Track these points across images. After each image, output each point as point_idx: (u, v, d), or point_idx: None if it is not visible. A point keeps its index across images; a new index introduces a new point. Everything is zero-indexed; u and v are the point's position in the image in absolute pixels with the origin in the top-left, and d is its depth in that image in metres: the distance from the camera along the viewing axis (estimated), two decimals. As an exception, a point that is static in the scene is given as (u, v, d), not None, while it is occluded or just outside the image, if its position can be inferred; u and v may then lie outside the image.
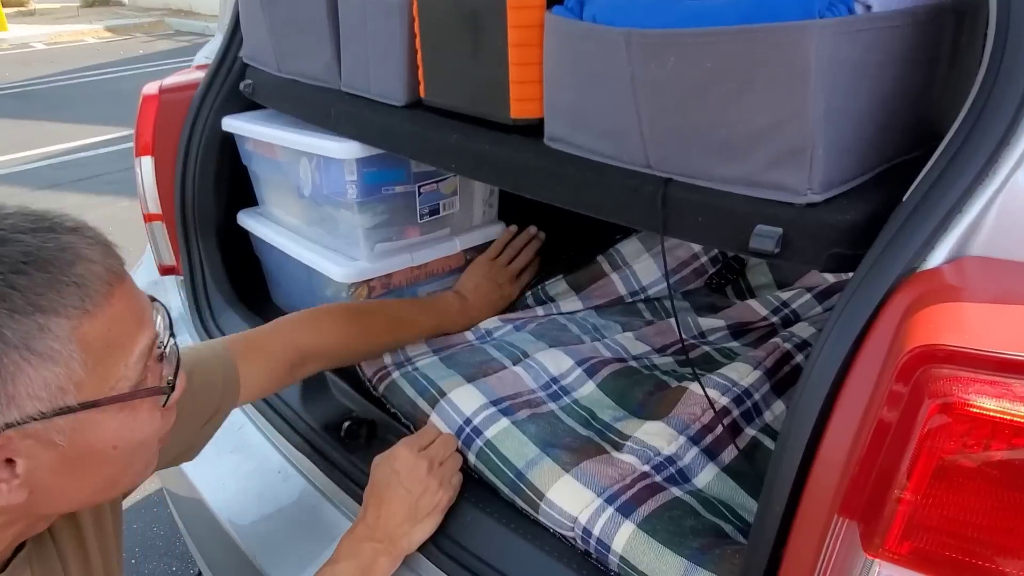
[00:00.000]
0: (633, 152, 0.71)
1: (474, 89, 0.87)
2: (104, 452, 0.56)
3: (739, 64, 0.59)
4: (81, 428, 0.53)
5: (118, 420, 0.56)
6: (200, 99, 1.32)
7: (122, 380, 0.55)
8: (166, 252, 1.40)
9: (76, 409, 0.52)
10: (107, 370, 0.54)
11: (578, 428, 0.90)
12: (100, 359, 0.53)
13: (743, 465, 0.83)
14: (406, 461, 0.82)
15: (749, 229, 0.63)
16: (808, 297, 1.09)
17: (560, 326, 1.13)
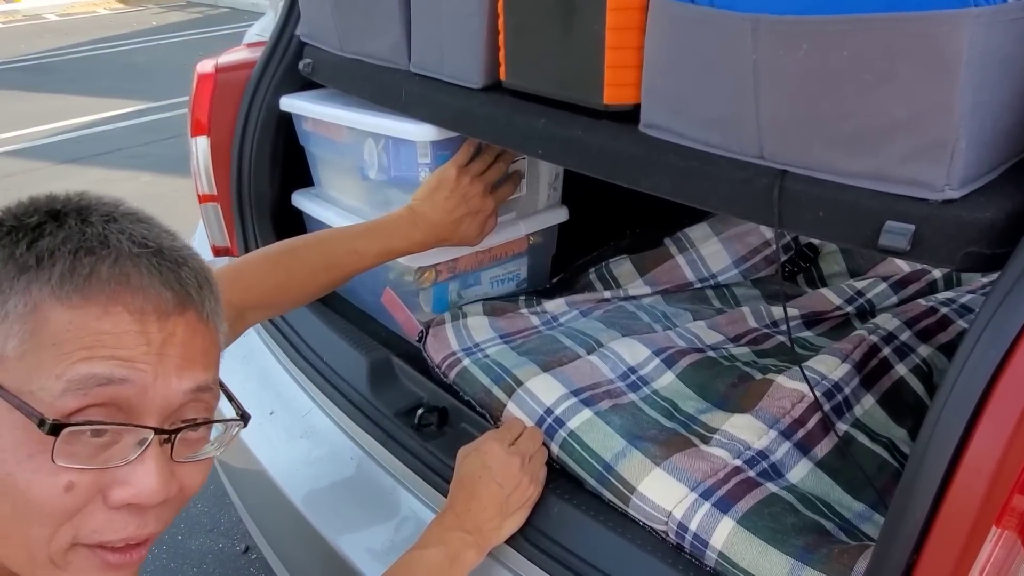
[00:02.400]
0: (745, 142, 0.69)
1: (563, 73, 0.85)
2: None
3: (881, 53, 0.57)
4: None
5: (11, 429, 0.47)
6: (257, 78, 1.30)
7: (42, 390, 0.47)
8: (219, 233, 1.39)
9: None
10: (32, 365, 0.47)
11: (662, 420, 0.89)
12: (37, 349, 0.47)
13: (837, 460, 0.82)
14: (498, 456, 0.82)
15: (877, 225, 0.61)
16: (884, 287, 1.07)
17: (629, 313, 1.11)
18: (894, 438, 0.85)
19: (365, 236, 0.98)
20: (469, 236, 1.05)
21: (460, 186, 1.02)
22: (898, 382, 0.90)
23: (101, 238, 0.51)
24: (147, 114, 5.14)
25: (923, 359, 0.92)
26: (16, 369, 0.48)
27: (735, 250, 1.18)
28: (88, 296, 0.49)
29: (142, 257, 0.51)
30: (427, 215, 1.01)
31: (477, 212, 1.04)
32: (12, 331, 0.48)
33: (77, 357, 0.48)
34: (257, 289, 0.90)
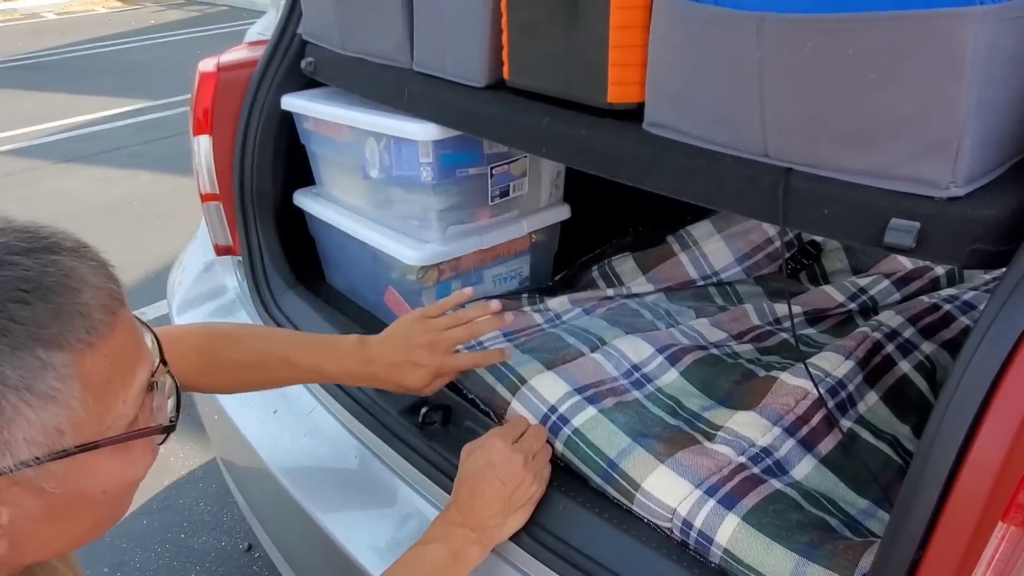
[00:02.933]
0: (749, 140, 0.69)
1: (566, 71, 0.85)
2: (94, 497, 0.52)
3: (886, 51, 0.57)
4: (74, 473, 0.49)
5: (112, 462, 0.51)
6: (259, 77, 1.30)
7: (119, 418, 0.51)
8: (222, 232, 1.39)
9: (72, 452, 0.48)
10: (106, 407, 0.50)
11: (666, 417, 0.90)
12: (100, 396, 0.49)
13: (841, 457, 0.82)
14: (501, 453, 0.82)
15: (882, 223, 0.61)
16: (886, 284, 1.08)
17: (632, 311, 1.12)
18: (898, 435, 0.85)
19: (302, 348, 0.92)
20: (413, 383, 0.92)
21: (412, 332, 0.92)
22: (901, 379, 0.90)
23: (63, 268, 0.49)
24: (146, 113, 5.13)
25: (926, 356, 0.92)
26: (92, 419, 0.49)
27: (738, 247, 1.18)
28: (99, 332, 0.49)
29: (96, 269, 0.51)
30: (371, 348, 0.92)
31: (424, 366, 0.91)
32: (72, 400, 0.47)
33: (130, 375, 0.52)
34: (185, 363, 0.85)
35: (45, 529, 0.50)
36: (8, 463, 0.45)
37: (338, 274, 1.39)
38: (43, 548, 0.53)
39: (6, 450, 0.45)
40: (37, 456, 0.46)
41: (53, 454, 0.47)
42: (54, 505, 0.49)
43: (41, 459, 0.46)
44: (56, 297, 0.46)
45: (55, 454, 0.47)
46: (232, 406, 1.17)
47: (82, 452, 0.48)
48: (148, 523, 1.80)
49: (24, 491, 0.47)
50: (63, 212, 3.49)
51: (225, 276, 1.41)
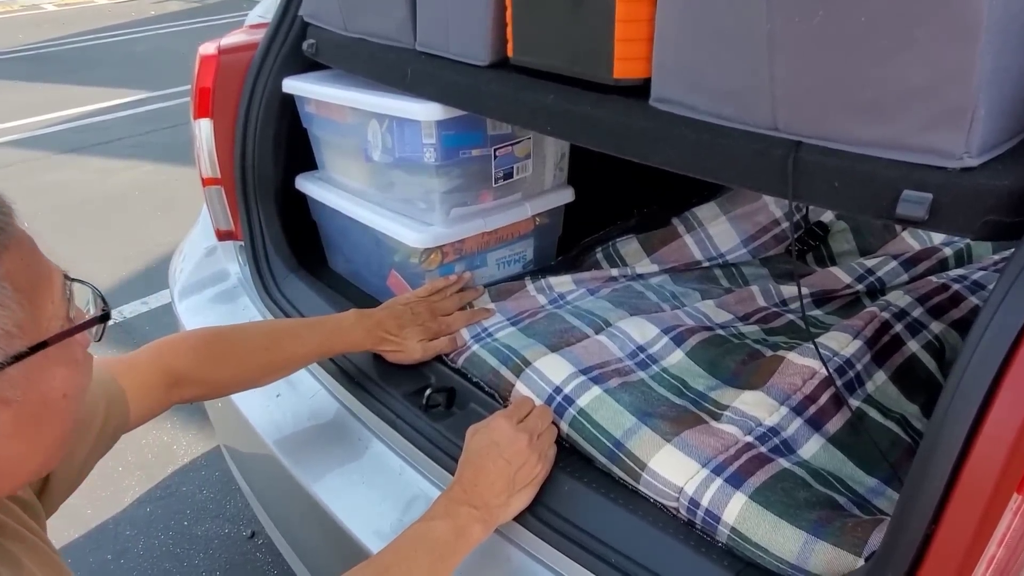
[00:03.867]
0: (758, 113, 0.68)
1: (571, 48, 0.84)
2: (56, 403, 0.53)
3: (899, 18, 0.56)
4: (33, 377, 0.50)
5: (62, 363, 0.53)
6: (260, 60, 1.29)
7: (54, 319, 0.52)
8: (223, 217, 1.38)
9: (27, 354, 0.49)
10: (39, 308, 0.51)
11: (672, 397, 0.89)
12: (31, 297, 0.50)
13: (849, 436, 0.81)
14: (506, 433, 0.81)
15: (894, 195, 0.60)
16: (894, 264, 1.07)
17: (637, 293, 1.11)
18: (906, 414, 0.84)
19: (309, 326, 1.01)
20: (412, 349, 1.02)
21: (411, 302, 1.05)
22: (910, 358, 0.89)
23: None
24: (147, 103, 5.12)
25: (935, 335, 0.91)
26: (31, 321, 0.50)
27: (743, 229, 1.17)
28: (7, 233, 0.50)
29: None
30: (372, 315, 1.01)
31: (423, 327, 1.03)
32: (10, 301, 0.48)
33: (47, 276, 0.53)
34: (196, 355, 0.89)
35: (16, 447, 0.51)
36: None
37: (340, 258, 1.38)
38: (17, 471, 0.53)
39: None
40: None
41: (11, 357, 0.48)
42: (21, 416, 0.50)
43: (3, 364, 0.47)
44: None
45: (12, 357, 0.48)
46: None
47: (36, 352, 0.49)
48: (151, 511, 1.80)
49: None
50: (64, 203, 3.48)
51: (227, 261, 1.41)
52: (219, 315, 1.32)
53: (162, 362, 0.87)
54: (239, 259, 1.40)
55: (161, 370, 0.86)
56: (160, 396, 0.86)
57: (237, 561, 1.66)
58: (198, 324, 1.30)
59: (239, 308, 1.33)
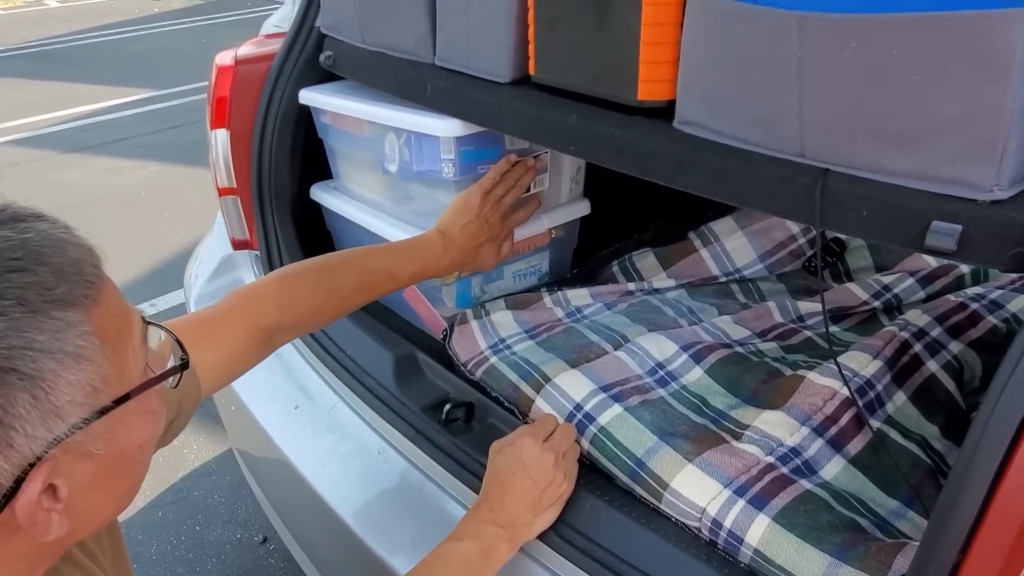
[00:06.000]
0: (786, 140, 0.68)
1: (596, 68, 0.85)
2: (132, 454, 0.52)
3: (932, 52, 0.56)
4: (114, 431, 0.50)
5: (139, 413, 0.52)
6: (277, 71, 1.29)
7: (134, 368, 0.52)
8: (239, 227, 1.39)
9: (111, 408, 0.49)
10: (122, 359, 0.50)
11: (692, 415, 0.89)
12: (115, 348, 0.49)
13: (870, 457, 0.82)
14: (532, 452, 0.82)
15: (923, 225, 0.60)
16: (911, 281, 1.07)
17: (654, 308, 1.11)
18: (926, 435, 0.85)
19: (401, 258, 0.99)
20: (488, 261, 1.08)
21: (483, 211, 1.05)
22: (929, 379, 0.90)
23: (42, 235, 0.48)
24: (153, 102, 5.12)
25: (954, 356, 0.92)
26: (116, 373, 0.49)
27: (760, 244, 1.18)
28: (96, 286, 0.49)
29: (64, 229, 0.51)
30: (455, 239, 1.03)
31: (496, 237, 1.08)
32: (97, 355, 0.48)
33: (129, 325, 0.52)
34: (296, 310, 0.88)
35: (94, 497, 0.50)
36: (61, 429, 0.45)
37: (356, 269, 1.38)
38: (93, 519, 0.53)
39: (57, 416, 0.45)
40: (84, 417, 0.47)
41: (96, 412, 0.48)
42: (101, 468, 0.50)
43: (88, 419, 0.47)
44: (49, 259, 0.46)
45: (98, 412, 0.48)
46: (253, 401, 1.17)
47: (118, 406, 0.49)
48: (163, 515, 1.81)
49: (76, 459, 0.47)
50: (70, 202, 3.49)
51: (242, 271, 1.41)
52: (235, 324, 1.33)
53: (250, 322, 0.83)
54: (254, 269, 1.40)
55: (251, 331, 0.83)
56: (253, 356, 0.85)
57: (249, 567, 1.67)
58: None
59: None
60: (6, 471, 0.43)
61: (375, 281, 0.96)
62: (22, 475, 0.44)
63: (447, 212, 1.06)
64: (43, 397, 0.44)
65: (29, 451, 0.44)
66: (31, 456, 0.44)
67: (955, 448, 0.85)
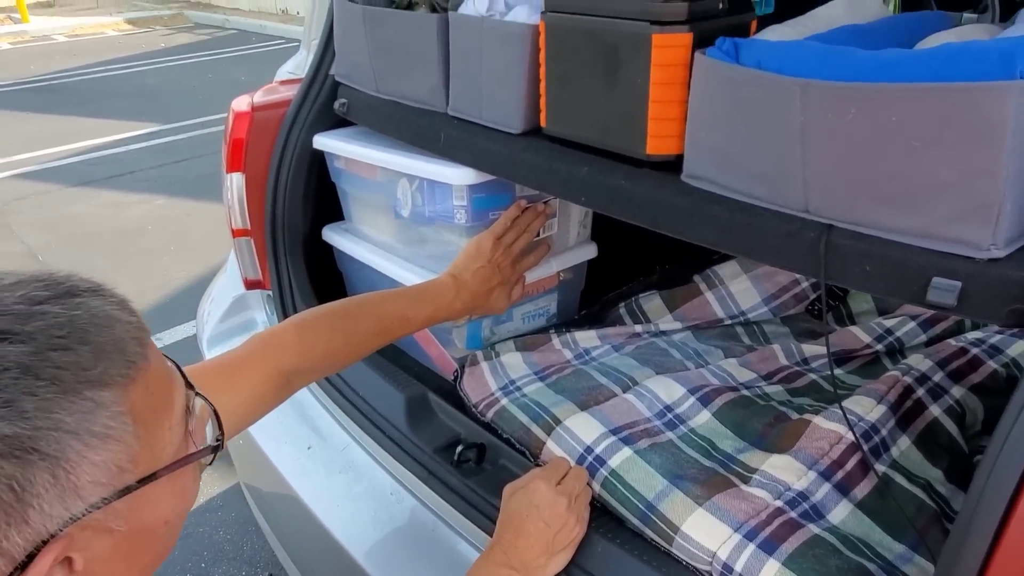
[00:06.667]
0: (790, 196, 0.71)
1: (605, 122, 0.88)
2: (156, 530, 0.53)
3: (929, 120, 0.60)
4: (137, 508, 0.50)
5: (168, 490, 0.53)
6: (293, 116, 1.33)
7: (168, 446, 0.52)
8: (252, 267, 1.42)
9: (135, 488, 0.49)
10: (156, 438, 0.51)
11: (701, 459, 0.91)
12: (148, 427, 0.50)
13: (876, 501, 0.83)
14: (545, 496, 0.83)
15: (924, 281, 0.63)
16: (912, 325, 1.10)
17: (661, 350, 1.14)
18: (931, 479, 0.87)
19: (415, 302, 1.02)
20: (499, 305, 1.11)
21: (494, 256, 1.07)
22: (932, 423, 0.92)
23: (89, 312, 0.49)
24: (159, 136, 5.19)
25: (956, 400, 0.94)
26: (146, 452, 0.50)
27: (764, 288, 1.20)
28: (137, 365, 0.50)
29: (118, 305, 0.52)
30: (468, 284, 1.05)
31: (507, 281, 1.10)
32: (127, 435, 0.48)
33: (168, 402, 0.53)
34: (314, 354, 0.90)
35: (114, 570, 0.50)
36: (79, 508, 0.46)
37: (366, 309, 1.41)
38: None
39: (76, 495, 0.46)
40: (104, 496, 0.47)
41: (118, 492, 0.48)
42: (122, 544, 0.50)
43: (108, 499, 0.47)
44: (93, 338, 0.47)
45: (120, 492, 0.48)
46: (266, 442, 1.18)
47: (144, 485, 0.50)
48: (168, 552, 1.80)
49: (94, 534, 0.48)
50: (77, 236, 3.52)
51: (255, 310, 1.44)
52: (246, 363, 1.35)
53: (270, 367, 0.85)
54: (266, 308, 1.43)
55: (270, 375, 0.85)
56: (271, 400, 0.86)
57: (255, 605, 1.67)
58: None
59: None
60: (19, 546, 0.44)
61: (390, 326, 0.98)
62: (35, 550, 0.44)
63: (459, 257, 1.08)
64: (63, 476, 0.45)
65: (44, 528, 0.44)
66: (45, 533, 0.45)
67: (959, 492, 0.86)
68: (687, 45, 0.79)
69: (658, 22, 0.79)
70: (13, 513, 0.43)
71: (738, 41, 0.74)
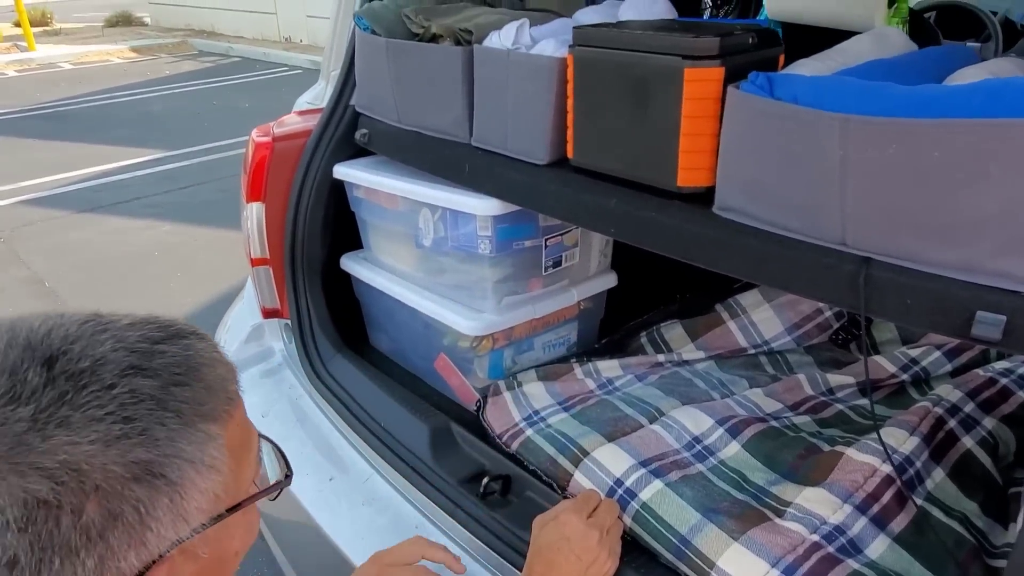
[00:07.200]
0: (826, 229, 0.71)
1: (635, 154, 0.88)
2: (228, 560, 0.55)
3: (973, 154, 0.60)
4: (220, 537, 0.52)
5: (243, 522, 0.55)
6: (313, 147, 1.34)
7: (247, 480, 0.56)
8: (270, 296, 1.41)
9: (224, 516, 0.52)
10: (242, 470, 0.54)
11: (733, 492, 0.90)
12: (239, 460, 0.54)
13: (913, 535, 0.82)
14: (576, 529, 0.82)
15: (967, 315, 0.63)
16: (938, 355, 1.09)
17: (685, 380, 1.13)
18: (967, 512, 0.86)
19: None
20: None
21: None
22: (965, 455, 0.91)
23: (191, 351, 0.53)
24: (164, 163, 5.21)
25: (988, 431, 0.93)
26: (234, 484, 0.53)
27: (787, 317, 1.20)
28: (234, 402, 0.54)
29: (215, 347, 0.56)
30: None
31: None
32: (224, 467, 0.51)
33: (253, 439, 0.57)
34: None
35: None
36: (185, 532, 0.49)
37: (384, 337, 1.41)
38: None
39: (184, 520, 0.49)
40: (203, 522, 0.50)
41: (213, 519, 0.51)
42: (202, 571, 0.52)
43: (206, 524, 0.50)
44: (204, 376, 0.52)
45: (214, 519, 0.51)
46: (285, 473, 1.17)
47: (232, 514, 0.53)
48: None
49: (186, 559, 0.50)
50: (84, 262, 3.52)
51: (272, 339, 1.43)
52: (264, 392, 1.34)
53: None
54: (283, 337, 1.42)
55: None
56: None
57: (267, 639, 1.64)
58: (245, 403, 1.31)
59: (284, 387, 1.35)
60: (134, 567, 0.46)
61: None
62: (144, 570, 0.47)
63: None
64: (178, 502, 0.48)
65: (156, 549, 0.47)
66: (156, 554, 0.47)
67: (997, 525, 0.85)
68: (719, 79, 0.79)
69: (690, 56, 0.79)
70: (134, 535, 0.46)
71: (772, 76, 0.74)
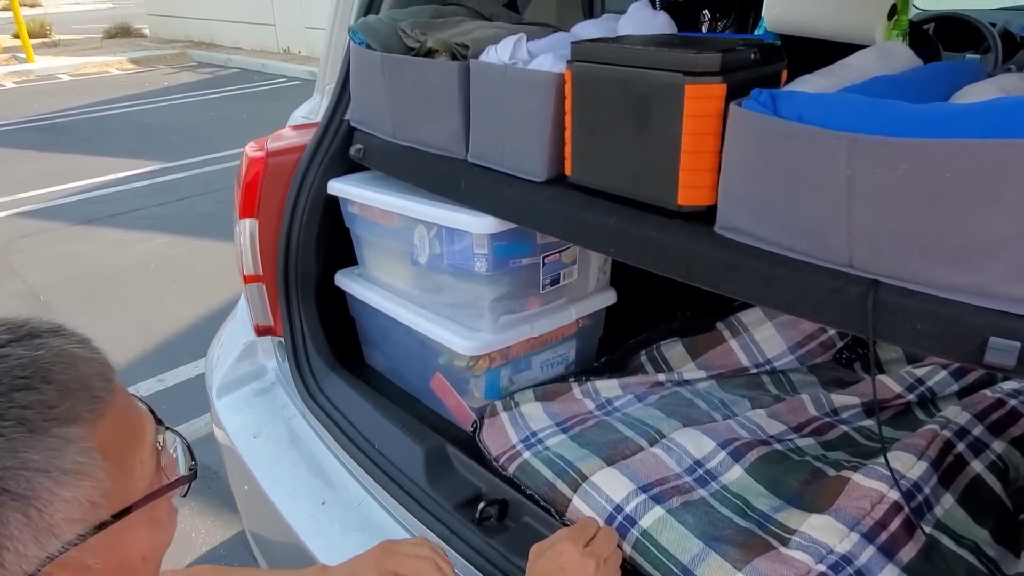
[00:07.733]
0: (832, 250, 0.69)
1: (635, 172, 0.86)
2: (134, 565, 0.53)
3: (985, 176, 0.58)
4: (114, 544, 0.50)
5: (144, 525, 0.53)
6: (307, 162, 1.31)
7: (140, 480, 0.53)
8: (263, 313, 1.39)
9: (110, 523, 0.49)
10: (127, 472, 0.51)
11: (736, 518, 0.88)
12: (119, 462, 0.50)
13: (923, 565, 0.80)
14: (572, 558, 0.80)
15: (980, 341, 0.61)
16: (944, 375, 1.07)
17: (686, 400, 1.11)
18: (978, 540, 0.83)
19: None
20: None
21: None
22: (975, 479, 0.88)
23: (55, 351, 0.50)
24: (161, 174, 5.19)
25: (998, 455, 0.91)
26: (118, 486, 0.50)
27: (790, 336, 1.18)
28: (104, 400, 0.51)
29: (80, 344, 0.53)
30: (334, 571, 0.91)
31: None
32: (98, 470, 0.49)
33: (139, 436, 0.53)
34: None
35: None
36: (55, 547, 0.46)
37: (379, 355, 1.38)
38: None
39: (51, 534, 0.46)
40: (80, 533, 0.48)
41: (93, 528, 0.48)
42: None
43: (84, 535, 0.48)
44: (56, 376, 0.49)
45: (95, 528, 0.48)
46: (277, 495, 1.14)
47: (118, 520, 0.50)
48: (169, 606, 1.74)
49: (73, 572, 0.48)
50: (79, 274, 3.49)
51: (265, 358, 1.40)
52: (257, 412, 1.32)
53: None
54: (277, 355, 1.40)
55: None
56: None
57: (259, 663, 1.60)
58: (237, 424, 1.29)
59: (277, 406, 1.33)
60: None
61: None
62: None
63: None
64: (36, 516, 0.45)
65: (20, 569, 0.45)
66: (22, 574, 0.45)
67: (1008, 553, 0.83)
68: (720, 96, 0.77)
69: (691, 73, 0.77)
70: None
71: (775, 93, 0.72)
